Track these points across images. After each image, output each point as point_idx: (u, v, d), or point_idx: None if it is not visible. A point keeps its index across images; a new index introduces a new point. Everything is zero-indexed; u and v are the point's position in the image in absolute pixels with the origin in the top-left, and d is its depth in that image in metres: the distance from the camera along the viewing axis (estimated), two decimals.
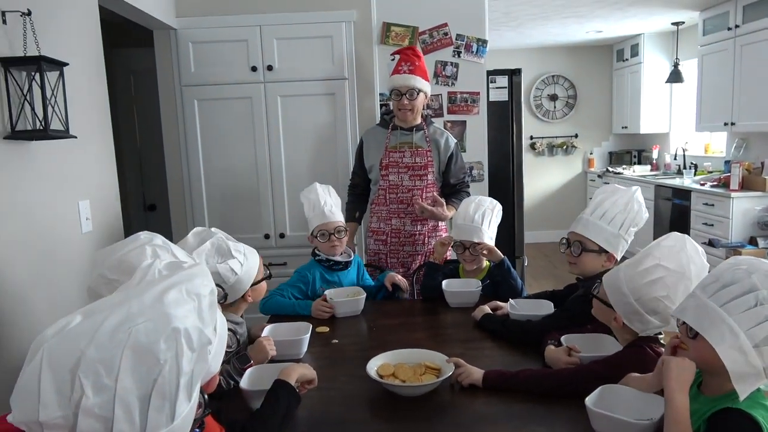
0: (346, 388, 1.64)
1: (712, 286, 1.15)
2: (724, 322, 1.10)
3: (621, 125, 7.14)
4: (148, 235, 1.42)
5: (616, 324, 1.53)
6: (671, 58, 6.22)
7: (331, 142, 3.30)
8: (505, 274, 2.35)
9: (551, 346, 1.68)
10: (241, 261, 1.77)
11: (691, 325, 1.15)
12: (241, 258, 1.78)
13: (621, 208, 1.87)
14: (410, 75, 2.69)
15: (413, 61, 2.73)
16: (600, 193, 1.97)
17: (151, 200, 4.08)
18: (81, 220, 2.10)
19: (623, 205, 1.87)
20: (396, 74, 2.73)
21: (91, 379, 0.72)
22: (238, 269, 1.75)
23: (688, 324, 1.16)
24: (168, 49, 3.24)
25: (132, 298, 0.78)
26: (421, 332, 2.09)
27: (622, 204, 1.87)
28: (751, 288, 1.10)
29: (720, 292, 1.13)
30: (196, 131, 3.30)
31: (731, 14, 4.86)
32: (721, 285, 1.13)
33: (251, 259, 1.82)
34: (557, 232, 7.36)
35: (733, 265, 1.16)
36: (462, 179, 2.86)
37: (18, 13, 1.72)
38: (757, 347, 1.07)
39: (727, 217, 4.56)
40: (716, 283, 1.15)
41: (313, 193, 2.47)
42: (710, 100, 5.25)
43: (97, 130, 2.27)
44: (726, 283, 1.13)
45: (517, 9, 5.11)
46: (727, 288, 1.12)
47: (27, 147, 1.79)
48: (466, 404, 1.51)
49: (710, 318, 1.12)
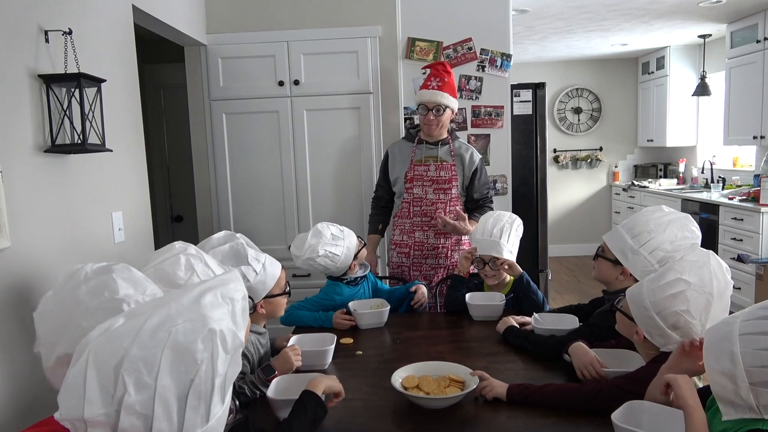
0: (371, 399, 1.65)
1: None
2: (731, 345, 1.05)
3: (646, 138, 7.06)
4: (183, 245, 1.47)
5: (638, 338, 1.52)
6: (698, 70, 6.15)
7: (356, 155, 3.35)
8: (525, 288, 2.36)
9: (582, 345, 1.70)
10: (257, 270, 1.79)
11: None
12: (257, 267, 1.79)
13: (652, 227, 1.80)
14: (438, 91, 2.72)
15: (443, 77, 2.76)
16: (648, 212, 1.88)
17: (178, 211, 4.17)
18: (114, 231, 2.16)
19: (656, 225, 1.80)
20: (424, 89, 2.76)
21: (134, 377, 0.75)
22: (251, 277, 1.77)
23: None
24: (198, 65, 3.33)
25: (171, 300, 0.82)
26: (445, 345, 2.09)
27: (654, 224, 1.80)
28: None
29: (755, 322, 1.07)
30: (224, 144, 3.38)
31: (760, 26, 4.81)
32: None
33: (270, 271, 1.83)
34: (581, 245, 7.29)
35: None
36: (486, 194, 2.87)
37: (60, 32, 1.79)
38: (753, 385, 1.02)
39: (757, 232, 4.47)
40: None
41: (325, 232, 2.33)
42: (738, 113, 5.18)
43: (130, 143, 2.34)
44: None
45: (540, 23, 5.12)
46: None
47: (65, 160, 1.86)
48: (490, 417, 1.52)
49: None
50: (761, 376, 1.01)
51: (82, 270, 1.19)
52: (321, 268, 2.36)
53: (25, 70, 1.68)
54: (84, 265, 1.22)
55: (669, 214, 1.83)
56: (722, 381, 1.04)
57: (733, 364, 1.04)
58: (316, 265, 2.32)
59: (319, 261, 2.30)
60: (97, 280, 1.16)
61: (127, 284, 1.16)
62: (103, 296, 1.13)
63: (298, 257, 2.32)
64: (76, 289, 1.15)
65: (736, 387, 1.03)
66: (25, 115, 1.67)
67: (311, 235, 2.30)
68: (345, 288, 2.44)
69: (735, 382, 1.03)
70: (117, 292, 1.14)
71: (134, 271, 1.23)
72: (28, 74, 1.69)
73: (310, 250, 2.28)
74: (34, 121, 1.71)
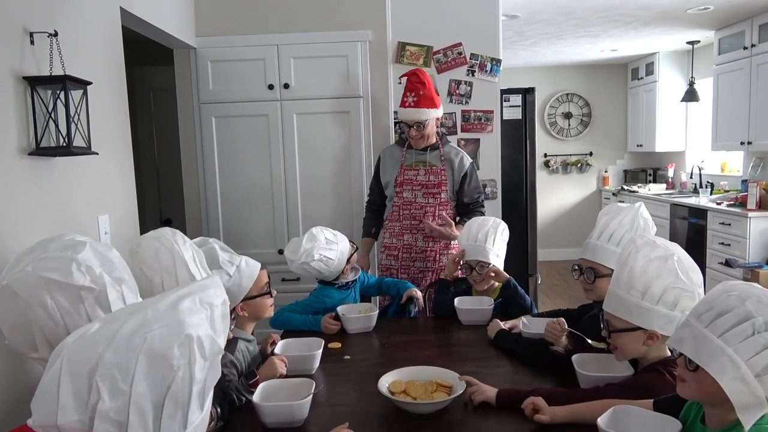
0: (358, 404, 1.65)
1: (707, 315, 1.10)
2: (723, 353, 1.05)
3: (636, 143, 7.12)
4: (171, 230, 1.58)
5: (651, 343, 1.48)
6: (686, 76, 6.21)
7: (346, 159, 3.34)
8: (513, 294, 2.37)
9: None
10: (230, 272, 1.79)
11: (691, 357, 1.10)
12: (230, 269, 1.80)
13: (627, 227, 1.84)
14: (414, 108, 2.72)
15: (417, 90, 2.74)
16: (604, 215, 1.93)
17: (167, 215, 4.14)
18: (100, 235, 2.14)
19: (629, 224, 1.85)
20: (402, 106, 2.76)
21: (108, 383, 0.74)
22: (224, 280, 1.76)
23: (686, 356, 1.11)
24: (187, 68, 3.32)
25: (148, 306, 0.81)
26: (433, 349, 2.09)
27: (628, 223, 1.85)
28: (747, 316, 1.06)
29: (716, 322, 1.08)
30: (213, 147, 3.36)
31: (747, 34, 4.86)
32: (716, 314, 1.09)
33: (246, 272, 1.83)
34: (571, 250, 7.32)
35: (724, 291, 1.12)
36: (476, 199, 2.87)
37: (45, 34, 1.78)
38: (758, 377, 1.04)
39: (744, 237, 4.51)
40: (710, 312, 1.10)
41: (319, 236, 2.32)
42: (726, 119, 5.23)
43: (117, 146, 2.32)
44: (721, 312, 1.09)
45: (530, 28, 5.15)
46: (722, 317, 1.08)
47: (50, 163, 1.84)
48: (478, 423, 1.51)
49: (709, 349, 1.07)
50: (761, 363, 1.04)
51: (71, 234, 1.24)
52: (315, 272, 2.35)
53: (9, 71, 1.66)
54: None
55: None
56: (737, 386, 1.05)
57: (735, 365, 1.04)
58: (311, 269, 2.32)
59: (313, 265, 2.30)
60: (74, 241, 1.20)
61: (92, 254, 1.19)
62: (65, 252, 1.17)
63: (293, 261, 2.31)
64: (54, 240, 1.21)
65: (748, 385, 1.04)
66: (9, 117, 1.65)
67: (306, 240, 2.29)
68: (335, 292, 2.44)
69: (745, 381, 1.04)
70: (78, 252, 1.17)
71: (114, 252, 1.25)
72: (13, 76, 1.67)
73: (306, 255, 2.27)
74: (18, 124, 1.69)
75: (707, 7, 4.52)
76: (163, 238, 1.55)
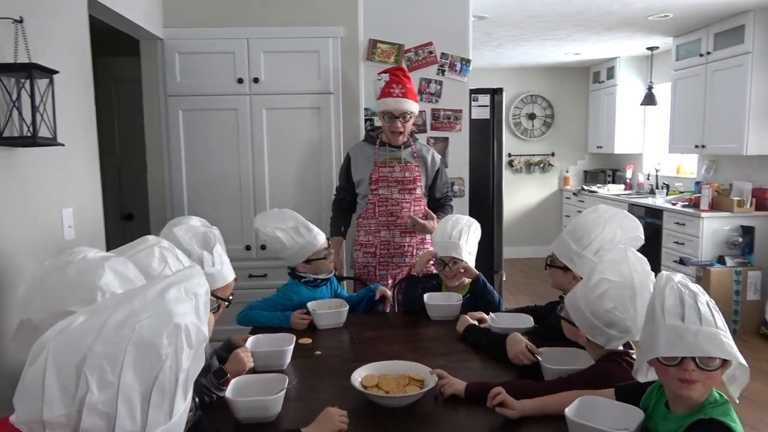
0: (330, 398, 1.65)
1: (678, 309, 1.18)
2: (723, 335, 1.14)
3: (596, 145, 7.31)
4: (155, 238, 1.48)
5: (583, 340, 1.60)
6: (646, 81, 6.41)
7: (316, 155, 3.33)
8: (482, 290, 2.42)
9: (517, 334, 1.84)
10: (215, 262, 1.75)
11: (714, 354, 1.14)
12: (217, 260, 1.75)
13: (591, 228, 1.86)
14: (403, 99, 2.75)
15: (404, 83, 2.78)
16: (586, 214, 1.95)
17: (128, 209, 4.05)
18: (64, 228, 2.08)
19: (594, 226, 1.87)
20: (389, 97, 2.77)
21: (97, 374, 0.73)
22: (207, 265, 1.73)
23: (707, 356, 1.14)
24: (154, 59, 3.25)
25: (135, 296, 0.80)
26: (403, 344, 2.11)
27: (592, 224, 1.87)
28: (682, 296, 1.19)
29: (691, 313, 1.16)
30: (180, 141, 3.30)
31: (703, 41, 5.05)
32: (683, 305, 1.18)
33: (225, 273, 1.77)
34: (534, 248, 7.47)
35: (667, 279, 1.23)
36: (446, 193, 2.97)
37: (10, 20, 1.72)
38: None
39: (697, 236, 4.70)
40: (679, 306, 1.18)
41: (290, 220, 2.40)
42: (682, 123, 5.43)
43: (83, 138, 2.26)
44: (683, 301, 1.18)
45: (498, 30, 5.23)
46: (687, 306, 1.17)
47: (14, 153, 1.79)
48: (449, 415, 1.54)
49: (713, 339, 1.14)
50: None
51: (85, 251, 1.19)
52: (278, 246, 2.38)
53: None
54: (92, 249, 1.21)
55: (605, 212, 1.89)
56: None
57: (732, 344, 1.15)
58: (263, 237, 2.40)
59: (260, 236, 2.42)
60: (89, 263, 1.14)
61: (113, 276, 1.14)
62: (85, 278, 1.11)
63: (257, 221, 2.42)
64: (68, 265, 1.15)
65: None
66: None
67: (276, 213, 2.43)
68: (304, 288, 2.43)
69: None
70: (100, 278, 1.12)
71: (131, 268, 1.19)
72: None
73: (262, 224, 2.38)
74: None
75: (667, 15, 4.68)
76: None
